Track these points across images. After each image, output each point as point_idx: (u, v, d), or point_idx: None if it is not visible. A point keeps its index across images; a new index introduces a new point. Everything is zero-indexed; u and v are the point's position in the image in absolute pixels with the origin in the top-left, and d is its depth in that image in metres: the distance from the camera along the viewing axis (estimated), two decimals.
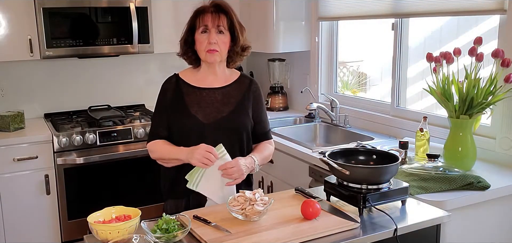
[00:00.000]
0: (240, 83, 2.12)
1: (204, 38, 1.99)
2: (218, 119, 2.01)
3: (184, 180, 1.94)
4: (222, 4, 2.03)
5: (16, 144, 3.22)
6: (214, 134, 1.99)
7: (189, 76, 2.10)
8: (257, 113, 2.13)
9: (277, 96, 4.02)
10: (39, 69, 3.78)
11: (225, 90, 2.08)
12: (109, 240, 1.55)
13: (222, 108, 2.04)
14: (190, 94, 2.05)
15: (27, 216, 3.29)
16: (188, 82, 2.08)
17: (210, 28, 1.98)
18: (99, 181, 3.42)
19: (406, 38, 3.01)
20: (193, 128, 1.98)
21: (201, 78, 2.09)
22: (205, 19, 1.99)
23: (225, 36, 2.01)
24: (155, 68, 4.15)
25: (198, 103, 2.03)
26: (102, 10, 3.52)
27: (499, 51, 2.22)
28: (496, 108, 2.34)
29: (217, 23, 1.99)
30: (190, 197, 2.02)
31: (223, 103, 2.05)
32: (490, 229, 2.17)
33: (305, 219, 1.69)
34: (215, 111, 2.03)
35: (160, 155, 2.03)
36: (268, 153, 2.13)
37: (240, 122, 2.05)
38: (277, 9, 3.57)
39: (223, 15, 2.01)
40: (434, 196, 1.98)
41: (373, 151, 1.98)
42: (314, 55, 3.69)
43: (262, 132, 2.15)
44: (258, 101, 2.14)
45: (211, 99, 2.05)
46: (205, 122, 2.00)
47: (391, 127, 3.02)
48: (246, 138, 2.07)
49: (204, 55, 2.01)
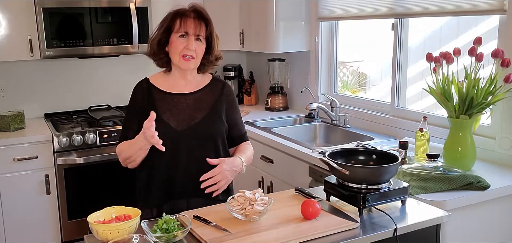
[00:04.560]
0: (212, 87, 2.09)
1: (181, 43, 1.95)
2: (191, 126, 1.98)
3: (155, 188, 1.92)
4: (203, 12, 1.99)
5: (16, 144, 3.23)
6: (187, 141, 1.96)
7: (160, 81, 2.06)
8: (231, 117, 2.09)
9: (277, 96, 4.02)
10: (39, 69, 3.78)
11: (197, 95, 2.04)
12: (109, 240, 1.55)
13: (194, 114, 2.00)
14: (162, 100, 2.01)
15: (27, 216, 3.29)
16: (159, 88, 2.04)
17: (190, 35, 1.95)
18: (99, 181, 3.42)
19: (406, 38, 3.01)
20: (165, 135, 1.88)
21: (172, 83, 2.04)
22: (187, 24, 1.95)
23: (202, 45, 1.99)
24: (155, 68, 4.13)
25: (170, 110, 1.99)
26: (102, 10, 3.53)
27: (499, 51, 2.22)
28: (496, 108, 2.34)
29: (198, 32, 1.96)
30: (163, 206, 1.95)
31: (195, 109, 2.01)
32: (490, 229, 2.17)
33: (305, 219, 1.69)
34: (187, 118, 1.99)
35: (126, 153, 1.97)
36: (250, 153, 2.10)
37: (213, 127, 2.02)
38: (277, 9, 3.57)
39: (204, 24, 1.98)
40: (434, 196, 1.98)
41: (373, 151, 1.98)
42: (314, 55, 3.69)
43: (239, 135, 2.12)
44: (232, 105, 2.10)
45: (182, 105, 2.01)
46: (178, 129, 1.96)
47: (391, 127, 3.02)
48: (221, 143, 2.04)
49: (179, 59, 1.97)
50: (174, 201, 1.99)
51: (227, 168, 1.92)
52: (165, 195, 2.00)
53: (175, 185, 1.99)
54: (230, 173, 1.94)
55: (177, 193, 2.00)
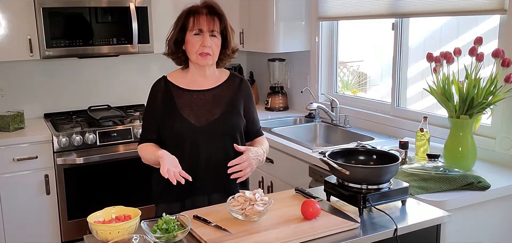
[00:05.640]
0: (230, 83, 2.10)
1: (197, 41, 1.96)
2: (210, 122, 1.99)
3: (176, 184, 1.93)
4: (215, 7, 2.01)
5: (16, 144, 3.22)
6: (207, 136, 1.98)
7: (178, 78, 2.07)
8: (249, 112, 2.12)
9: (277, 96, 4.01)
10: (39, 69, 3.78)
11: (215, 91, 2.06)
12: (109, 240, 1.55)
13: (213, 110, 2.02)
14: (181, 97, 2.02)
15: (27, 216, 3.29)
16: (178, 85, 2.05)
17: (205, 31, 1.96)
18: (99, 181, 3.42)
19: (406, 38, 3.01)
20: (185, 132, 1.95)
21: (190, 80, 2.06)
22: (200, 22, 1.96)
23: (217, 40, 2.00)
24: (155, 68, 4.14)
25: (190, 106, 2.01)
26: (102, 10, 3.52)
27: (499, 51, 2.22)
28: (496, 108, 2.34)
29: (212, 27, 1.97)
30: (185, 202, 2.00)
31: (214, 104, 2.03)
32: (490, 229, 2.17)
33: (305, 219, 1.69)
34: (207, 114, 2.01)
35: (145, 159, 2.02)
36: (267, 145, 2.14)
37: (232, 123, 2.04)
38: (277, 9, 3.56)
39: (217, 18, 1.99)
40: (434, 196, 1.98)
41: (373, 151, 1.98)
42: (314, 55, 3.68)
43: (255, 130, 2.15)
44: (249, 101, 2.13)
45: (202, 101, 2.02)
46: (197, 125, 1.98)
47: (391, 127, 3.02)
48: (240, 138, 2.07)
49: (196, 57, 1.98)
50: (195, 196, 2.01)
51: (253, 156, 1.94)
52: (186, 191, 2.00)
53: (196, 181, 2.00)
54: (255, 161, 1.96)
55: (198, 189, 2.01)
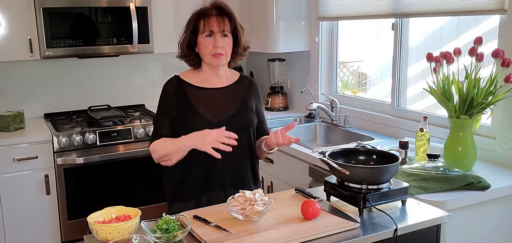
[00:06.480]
0: (241, 83, 2.15)
1: (209, 42, 1.99)
2: (226, 118, 2.02)
3: (191, 180, 1.93)
4: (224, 7, 2.04)
5: (16, 144, 3.22)
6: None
7: (191, 77, 2.10)
8: (260, 112, 2.18)
9: (277, 96, 4.01)
10: (39, 69, 3.78)
11: (228, 90, 2.10)
12: (109, 240, 1.55)
13: (228, 107, 2.06)
14: (195, 95, 2.05)
15: (27, 216, 3.29)
16: (191, 83, 2.08)
17: (216, 32, 1.99)
18: (99, 181, 3.42)
19: (406, 38, 3.01)
20: (201, 127, 1.95)
21: (204, 79, 2.09)
22: (210, 23, 1.99)
23: (229, 39, 2.03)
24: (155, 68, 4.15)
25: (204, 103, 2.04)
26: (102, 10, 3.52)
27: (499, 51, 2.22)
28: (496, 108, 2.34)
29: (223, 28, 2.00)
30: (201, 198, 2.01)
31: (229, 102, 2.07)
32: (490, 229, 2.17)
33: (305, 219, 1.69)
34: (222, 110, 2.04)
35: (163, 152, 1.98)
36: None
37: (247, 119, 2.09)
38: (277, 9, 3.56)
39: (227, 18, 2.02)
40: (434, 196, 1.98)
41: (373, 151, 1.97)
42: (314, 55, 3.68)
43: (264, 128, 2.21)
44: (259, 101, 2.19)
45: (216, 99, 2.06)
46: (213, 120, 2.00)
47: (391, 126, 3.02)
48: (253, 135, 2.12)
49: (209, 58, 2.01)
50: (212, 192, 2.02)
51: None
52: (202, 187, 2.02)
53: (213, 177, 2.02)
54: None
55: (214, 185, 2.03)
